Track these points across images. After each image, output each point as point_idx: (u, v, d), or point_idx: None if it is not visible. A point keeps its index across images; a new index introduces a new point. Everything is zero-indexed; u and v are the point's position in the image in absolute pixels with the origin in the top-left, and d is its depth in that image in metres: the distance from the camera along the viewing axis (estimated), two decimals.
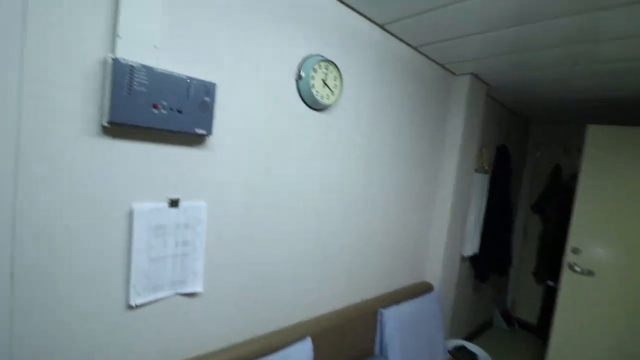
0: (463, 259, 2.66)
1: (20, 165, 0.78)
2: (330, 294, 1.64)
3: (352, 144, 1.61)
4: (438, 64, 2.06)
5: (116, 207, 0.93)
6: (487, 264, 2.90)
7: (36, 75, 0.78)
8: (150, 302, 1.02)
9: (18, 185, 0.79)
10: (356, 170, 1.66)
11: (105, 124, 0.87)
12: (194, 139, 1.05)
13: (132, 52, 0.89)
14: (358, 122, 1.62)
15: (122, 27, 0.87)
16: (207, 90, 1.01)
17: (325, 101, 1.39)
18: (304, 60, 1.33)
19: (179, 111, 0.96)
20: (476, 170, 2.54)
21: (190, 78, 0.97)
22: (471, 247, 2.66)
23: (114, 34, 0.87)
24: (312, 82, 1.32)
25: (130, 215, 0.95)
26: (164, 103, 0.93)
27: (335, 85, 1.42)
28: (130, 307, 0.98)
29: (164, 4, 0.94)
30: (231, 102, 1.13)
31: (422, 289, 2.17)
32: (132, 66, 0.86)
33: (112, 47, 0.87)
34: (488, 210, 2.85)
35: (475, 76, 2.22)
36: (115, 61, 0.84)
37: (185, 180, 1.05)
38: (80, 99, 0.85)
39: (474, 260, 2.88)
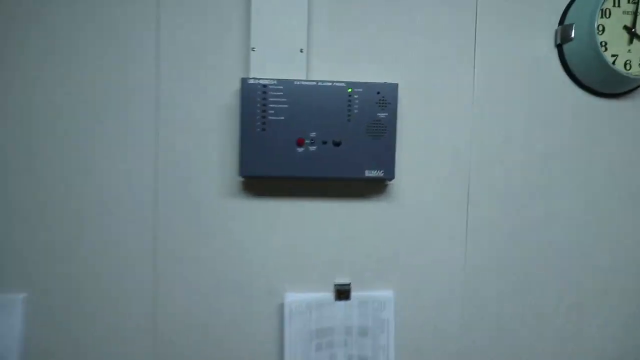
0: None
1: (159, 218, 0.61)
2: None
3: None
4: None
5: (262, 293, 0.63)
6: None
7: (171, 114, 0.60)
8: None
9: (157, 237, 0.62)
10: None
11: (240, 178, 0.60)
12: (366, 187, 0.62)
13: (269, 67, 0.58)
14: None
15: (255, 35, 0.58)
16: (383, 98, 0.57)
17: (638, 70, 0.64)
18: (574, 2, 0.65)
19: (335, 144, 0.56)
20: None
21: (352, 84, 0.56)
22: None
23: (249, 48, 0.60)
24: (599, 38, 0.61)
25: (281, 309, 0.62)
26: (312, 134, 0.56)
27: None
28: None
29: None
30: (431, 112, 0.63)
31: None
32: (264, 85, 0.55)
33: (247, 65, 0.60)
34: None
35: None
36: (243, 82, 0.55)
37: (358, 254, 0.63)
38: (214, 143, 0.61)
39: None
